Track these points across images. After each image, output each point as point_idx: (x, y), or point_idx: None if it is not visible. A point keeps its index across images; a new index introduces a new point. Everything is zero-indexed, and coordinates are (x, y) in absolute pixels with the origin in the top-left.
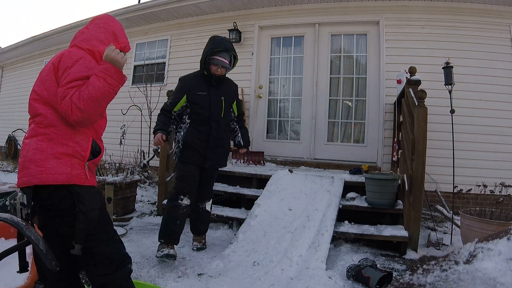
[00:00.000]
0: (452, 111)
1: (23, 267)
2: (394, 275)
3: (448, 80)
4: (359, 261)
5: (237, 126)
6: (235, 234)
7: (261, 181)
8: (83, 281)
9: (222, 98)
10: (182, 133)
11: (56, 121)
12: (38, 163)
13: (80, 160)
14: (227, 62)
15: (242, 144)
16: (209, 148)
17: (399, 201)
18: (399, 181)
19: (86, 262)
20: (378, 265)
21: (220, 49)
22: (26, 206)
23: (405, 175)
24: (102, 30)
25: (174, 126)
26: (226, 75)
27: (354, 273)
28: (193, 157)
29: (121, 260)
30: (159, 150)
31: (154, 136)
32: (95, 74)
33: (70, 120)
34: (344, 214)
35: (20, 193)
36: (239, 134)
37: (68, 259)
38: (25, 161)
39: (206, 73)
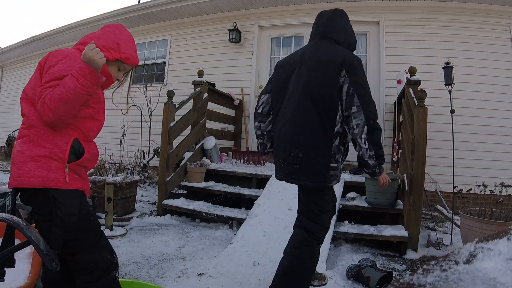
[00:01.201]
0: (452, 111)
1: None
2: (394, 275)
3: (448, 80)
4: (359, 261)
5: None
6: (235, 234)
7: (261, 181)
8: None
9: None
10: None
11: (37, 122)
12: (18, 166)
13: (59, 163)
14: None
15: None
16: None
17: (399, 201)
18: (399, 181)
19: (72, 268)
20: (378, 265)
21: None
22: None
23: (405, 175)
24: (104, 37)
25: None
26: None
27: (354, 273)
28: None
29: (105, 267)
30: (159, 150)
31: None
32: (71, 74)
33: (44, 121)
34: (344, 214)
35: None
36: None
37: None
38: (11, 163)
39: None
